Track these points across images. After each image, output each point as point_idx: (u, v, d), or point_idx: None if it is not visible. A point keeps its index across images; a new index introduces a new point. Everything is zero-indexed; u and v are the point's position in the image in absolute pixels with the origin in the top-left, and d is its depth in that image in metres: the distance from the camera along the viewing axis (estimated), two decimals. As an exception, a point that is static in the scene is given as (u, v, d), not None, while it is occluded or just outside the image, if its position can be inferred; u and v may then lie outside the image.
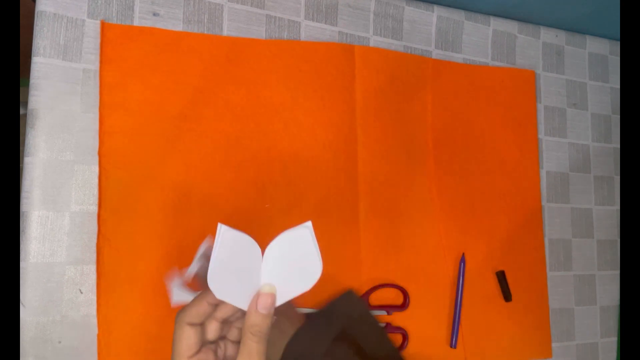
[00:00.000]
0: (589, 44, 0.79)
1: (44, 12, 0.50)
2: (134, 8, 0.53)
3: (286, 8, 0.60)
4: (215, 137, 0.54)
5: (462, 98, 0.68)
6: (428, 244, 0.63)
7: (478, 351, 0.63)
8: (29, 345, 0.46)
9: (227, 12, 0.57)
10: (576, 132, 0.76)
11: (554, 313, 0.69)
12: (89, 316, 0.48)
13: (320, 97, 0.59)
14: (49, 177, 0.48)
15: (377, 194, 0.61)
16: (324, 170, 0.59)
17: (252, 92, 0.56)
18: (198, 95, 0.54)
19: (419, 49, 0.67)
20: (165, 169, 0.52)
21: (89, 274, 0.49)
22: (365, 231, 0.60)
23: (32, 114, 0.49)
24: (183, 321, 0.36)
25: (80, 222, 0.49)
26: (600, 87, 0.79)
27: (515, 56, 0.73)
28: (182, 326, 0.36)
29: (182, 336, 0.36)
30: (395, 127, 0.63)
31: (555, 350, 0.69)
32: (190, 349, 0.36)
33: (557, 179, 0.73)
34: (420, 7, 0.67)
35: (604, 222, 0.76)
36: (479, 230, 0.66)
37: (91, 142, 0.50)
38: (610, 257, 0.76)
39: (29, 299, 0.47)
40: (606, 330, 0.74)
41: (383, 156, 0.62)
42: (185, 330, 0.36)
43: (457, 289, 0.63)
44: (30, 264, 0.47)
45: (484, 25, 0.71)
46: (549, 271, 0.70)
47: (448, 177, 0.65)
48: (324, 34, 0.62)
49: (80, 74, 0.50)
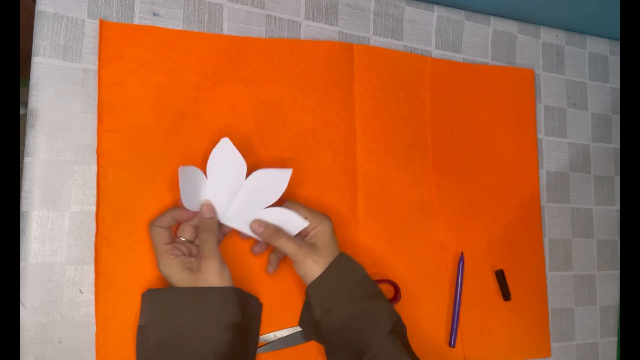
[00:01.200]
0: (589, 44, 0.79)
1: (44, 12, 0.50)
2: (134, 8, 0.53)
3: (286, 8, 0.60)
4: (215, 135, 0.54)
5: (461, 97, 0.68)
6: (427, 243, 0.63)
7: (477, 350, 0.63)
8: (29, 345, 0.46)
9: (227, 12, 0.57)
10: (576, 132, 0.76)
11: (553, 313, 0.69)
12: (89, 316, 0.48)
13: (319, 96, 0.59)
14: (49, 177, 0.48)
15: (376, 192, 0.61)
16: (323, 168, 0.59)
17: (251, 91, 0.56)
18: (197, 93, 0.54)
19: (419, 49, 0.67)
20: (164, 168, 0.52)
21: (88, 274, 0.49)
22: (364, 230, 0.60)
23: (32, 114, 0.49)
24: (153, 224, 0.48)
25: (80, 222, 0.49)
26: (600, 87, 0.79)
27: (515, 56, 0.73)
28: (153, 228, 0.48)
29: (156, 233, 0.47)
30: (394, 126, 0.63)
31: (555, 350, 0.69)
32: (164, 241, 0.47)
33: (557, 179, 0.73)
34: (420, 7, 0.67)
35: (604, 222, 0.76)
36: (478, 229, 0.66)
37: (91, 142, 0.50)
38: (610, 257, 0.76)
39: (29, 299, 0.47)
40: (606, 330, 0.74)
41: (382, 155, 0.62)
42: (156, 230, 0.47)
43: (456, 288, 0.63)
44: (30, 264, 0.47)
45: (484, 25, 0.71)
46: (549, 271, 0.70)
47: (447, 176, 0.65)
48: (324, 34, 0.62)
49: (80, 74, 0.50)
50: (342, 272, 0.51)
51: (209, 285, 0.46)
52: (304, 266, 0.50)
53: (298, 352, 0.55)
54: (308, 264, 0.50)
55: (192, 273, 0.46)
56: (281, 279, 0.55)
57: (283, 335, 0.54)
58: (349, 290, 0.50)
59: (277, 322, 0.54)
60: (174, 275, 0.46)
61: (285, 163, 0.57)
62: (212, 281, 0.46)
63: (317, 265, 0.50)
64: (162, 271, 0.47)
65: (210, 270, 0.46)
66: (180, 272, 0.46)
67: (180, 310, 0.45)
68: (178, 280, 0.46)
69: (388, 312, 0.51)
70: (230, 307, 0.46)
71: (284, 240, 0.50)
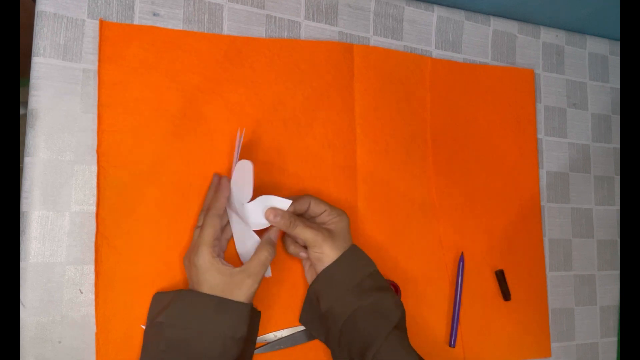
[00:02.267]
0: (589, 44, 0.79)
1: (44, 12, 0.50)
2: (134, 8, 0.53)
3: (286, 8, 0.60)
4: (214, 135, 0.54)
5: (461, 97, 0.68)
6: (427, 242, 0.63)
7: (477, 350, 0.63)
8: (29, 345, 0.46)
9: (227, 12, 0.57)
10: (576, 132, 0.76)
11: (553, 313, 0.69)
12: (89, 316, 0.48)
13: (319, 96, 0.59)
14: (49, 177, 0.48)
15: (375, 192, 0.61)
16: (323, 168, 0.59)
17: (251, 91, 0.56)
18: (197, 93, 0.54)
19: (419, 49, 0.67)
20: (164, 168, 0.52)
21: (89, 274, 0.49)
22: (364, 230, 0.60)
23: (32, 114, 0.49)
24: (214, 214, 0.48)
25: (80, 222, 0.49)
26: (600, 87, 0.79)
27: (515, 56, 0.73)
28: (212, 217, 0.47)
29: (211, 223, 0.47)
30: (394, 126, 0.63)
31: (555, 350, 0.69)
32: (214, 234, 0.47)
33: (557, 179, 0.73)
34: (420, 7, 0.67)
35: (604, 222, 0.76)
36: (478, 229, 0.66)
37: (91, 142, 0.50)
38: (610, 257, 0.76)
39: (29, 299, 0.47)
40: (606, 330, 0.74)
41: (382, 155, 0.62)
42: (214, 220, 0.47)
43: (456, 288, 0.63)
44: (30, 264, 0.47)
45: (484, 25, 0.71)
46: (549, 271, 0.70)
47: (447, 176, 0.65)
48: (324, 34, 0.62)
49: (80, 74, 0.50)
50: (353, 264, 0.52)
51: (236, 300, 0.46)
52: (320, 251, 0.50)
53: (298, 352, 0.55)
54: (325, 249, 0.50)
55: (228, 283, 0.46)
56: (281, 280, 0.55)
57: (283, 335, 0.54)
58: (358, 283, 0.51)
59: (277, 323, 0.54)
60: (208, 275, 0.46)
61: (285, 163, 0.57)
62: (242, 297, 0.46)
63: (333, 251, 0.51)
64: (195, 263, 0.46)
65: (243, 286, 0.46)
66: (217, 275, 0.46)
67: (202, 317, 0.45)
68: (209, 282, 0.46)
69: (395, 306, 0.51)
70: (244, 324, 0.46)
71: (301, 227, 0.50)
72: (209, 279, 0.46)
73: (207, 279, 0.46)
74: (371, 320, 0.49)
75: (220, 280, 0.46)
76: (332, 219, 0.52)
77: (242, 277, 0.46)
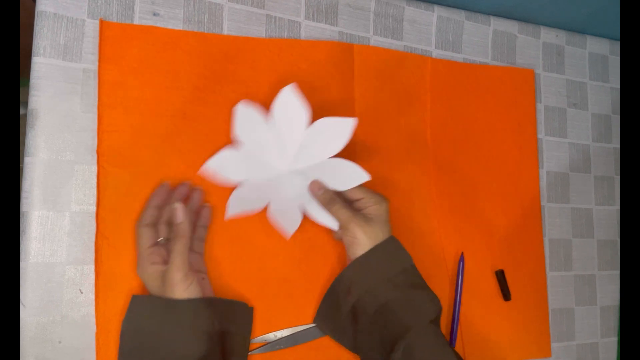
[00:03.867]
0: (589, 44, 0.79)
1: (44, 12, 0.50)
2: (134, 8, 0.53)
3: (286, 8, 0.60)
4: (214, 135, 0.54)
5: (461, 97, 0.68)
6: (427, 242, 0.63)
7: (477, 350, 0.63)
8: (29, 345, 0.46)
9: (227, 12, 0.57)
10: (576, 132, 0.76)
11: (554, 313, 0.69)
12: (89, 316, 0.48)
13: (319, 96, 0.59)
14: (49, 177, 0.48)
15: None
16: (324, 170, 0.59)
17: (251, 91, 0.56)
18: (197, 93, 0.54)
19: (419, 49, 0.67)
20: (164, 168, 0.52)
21: (89, 274, 0.49)
22: (365, 231, 0.60)
23: (32, 114, 0.49)
24: (139, 225, 0.47)
25: (81, 222, 0.49)
26: (600, 87, 0.79)
27: (515, 56, 0.73)
28: (138, 229, 0.47)
29: (140, 235, 0.47)
30: (394, 126, 0.63)
31: (555, 350, 0.69)
32: (146, 243, 0.46)
33: (557, 179, 0.73)
34: (420, 7, 0.67)
35: (604, 222, 0.76)
36: (478, 229, 0.66)
37: (91, 142, 0.50)
38: (610, 257, 0.76)
39: (29, 299, 0.47)
40: (606, 330, 0.74)
41: (382, 155, 0.62)
42: (141, 231, 0.47)
43: (456, 288, 0.63)
44: (30, 264, 0.47)
45: (484, 25, 0.71)
46: (549, 271, 0.70)
47: (447, 176, 0.65)
48: (324, 34, 0.62)
49: (80, 74, 0.50)
50: (388, 256, 0.51)
51: (174, 297, 0.45)
52: (352, 235, 0.50)
53: (298, 352, 0.55)
54: (358, 234, 0.49)
55: (162, 283, 0.45)
56: (280, 280, 0.55)
57: (283, 335, 0.54)
58: (392, 277, 0.50)
59: (277, 323, 0.54)
60: (148, 283, 0.46)
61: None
62: (177, 293, 0.44)
63: (366, 237, 0.50)
64: (140, 276, 0.47)
65: (174, 283, 0.44)
66: (153, 280, 0.46)
67: (155, 318, 0.45)
68: (152, 289, 0.46)
69: (432, 302, 0.50)
70: (202, 317, 0.45)
71: (338, 206, 0.50)
72: (150, 286, 0.46)
73: (149, 286, 0.47)
74: (403, 312, 0.48)
75: (157, 284, 0.46)
76: (370, 205, 0.51)
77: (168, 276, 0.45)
